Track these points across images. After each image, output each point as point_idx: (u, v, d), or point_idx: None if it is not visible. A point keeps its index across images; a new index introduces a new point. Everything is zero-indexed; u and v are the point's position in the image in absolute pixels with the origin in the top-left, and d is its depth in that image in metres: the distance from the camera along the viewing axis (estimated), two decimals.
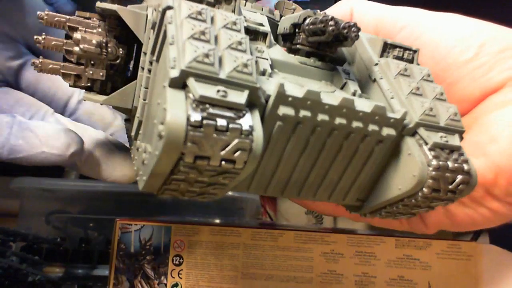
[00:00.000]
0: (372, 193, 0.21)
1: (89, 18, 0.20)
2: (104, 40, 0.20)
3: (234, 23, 0.16)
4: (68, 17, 0.20)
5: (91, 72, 0.20)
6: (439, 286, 0.33)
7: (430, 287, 0.34)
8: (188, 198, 0.17)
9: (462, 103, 0.25)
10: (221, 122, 0.13)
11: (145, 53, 0.19)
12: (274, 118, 0.16)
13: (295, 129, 0.17)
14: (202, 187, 0.15)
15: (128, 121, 0.24)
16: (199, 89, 0.13)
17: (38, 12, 0.20)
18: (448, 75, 0.25)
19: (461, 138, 0.19)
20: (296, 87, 0.17)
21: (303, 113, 0.16)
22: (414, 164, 0.18)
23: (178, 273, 0.36)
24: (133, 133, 0.20)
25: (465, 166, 0.18)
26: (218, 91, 0.14)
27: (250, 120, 0.14)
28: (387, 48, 0.21)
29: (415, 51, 0.21)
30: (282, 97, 0.15)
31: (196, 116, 0.13)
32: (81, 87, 0.21)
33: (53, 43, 0.20)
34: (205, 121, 0.13)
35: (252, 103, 0.15)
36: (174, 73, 0.14)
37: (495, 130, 0.23)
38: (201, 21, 0.15)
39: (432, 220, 0.26)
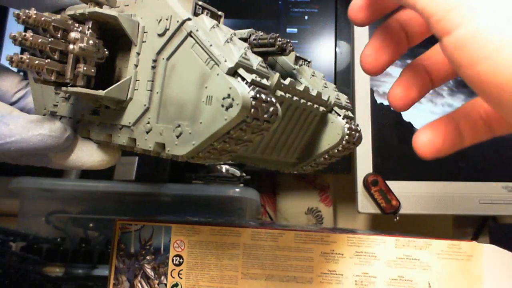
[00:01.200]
0: (307, 152, 0.30)
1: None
2: (97, 41, 0.22)
3: (234, 34, 0.23)
4: (54, 17, 0.21)
5: (85, 68, 0.21)
6: (439, 286, 0.33)
7: (430, 287, 0.34)
8: (210, 163, 0.24)
9: None
10: (264, 96, 0.20)
11: (138, 53, 0.23)
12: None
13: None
14: (235, 145, 0.21)
15: (97, 112, 0.25)
16: (247, 76, 0.20)
17: (23, 11, 0.20)
18: None
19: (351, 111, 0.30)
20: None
21: (281, 93, 0.24)
22: (337, 128, 0.29)
23: (178, 273, 0.36)
24: (130, 120, 0.23)
25: (359, 129, 0.30)
26: (256, 77, 0.20)
27: (273, 97, 0.21)
28: (298, 60, 0.30)
29: (309, 62, 0.30)
30: (278, 83, 0.23)
31: (252, 93, 0.19)
32: (58, 83, 0.22)
33: (40, 40, 0.21)
34: (257, 95, 0.20)
35: None
36: (230, 64, 0.20)
37: None
38: (221, 31, 0.21)
39: None
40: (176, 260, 0.36)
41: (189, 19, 0.21)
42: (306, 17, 0.64)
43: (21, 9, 0.20)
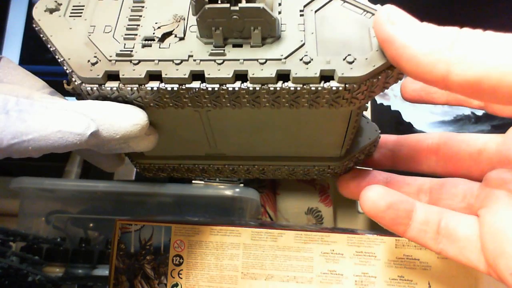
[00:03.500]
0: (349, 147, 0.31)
1: None
2: None
3: None
4: None
5: None
6: (439, 286, 0.33)
7: (430, 287, 0.34)
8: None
9: None
10: None
11: (279, 4, 0.24)
12: None
13: None
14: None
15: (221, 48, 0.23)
16: None
17: None
18: None
19: None
20: None
21: None
22: (373, 127, 0.31)
23: (178, 273, 0.36)
24: (282, 53, 0.22)
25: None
26: None
27: None
28: None
29: None
30: None
31: None
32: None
33: None
34: None
35: None
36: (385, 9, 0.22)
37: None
38: None
39: None
40: (176, 260, 0.36)
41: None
42: None
43: None
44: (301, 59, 0.22)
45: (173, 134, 0.29)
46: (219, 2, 0.20)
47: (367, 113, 0.59)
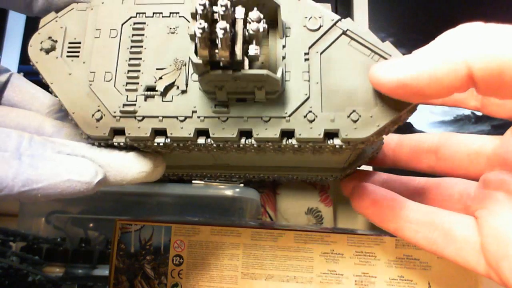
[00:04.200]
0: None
1: None
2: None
3: None
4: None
5: (256, 49, 0.20)
6: (439, 286, 0.33)
7: (430, 287, 0.34)
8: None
9: None
10: None
11: (284, 46, 0.23)
12: None
13: None
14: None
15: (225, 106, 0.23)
16: None
17: None
18: None
19: None
20: None
21: None
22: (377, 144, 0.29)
23: (178, 273, 0.36)
24: (286, 111, 0.22)
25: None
26: None
27: None
28: None
29: None
30: None
31: None
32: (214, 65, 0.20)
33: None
34: None
35: None
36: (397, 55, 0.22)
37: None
38: (369, 32, 0.23)
39: None
40: (176, 260, 0.36)
41: (340, 19, 0.22)
42: None
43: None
44: (305, 116, 0.22)
45: (180, 158, 0.29)
46: (221, 65, 0.19)
47: None
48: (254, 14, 0.19)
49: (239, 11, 0.19)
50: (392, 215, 0.25)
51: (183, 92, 0.22)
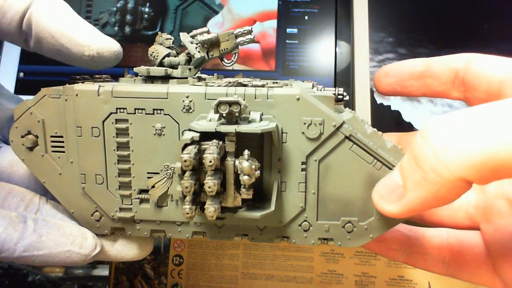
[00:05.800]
0: None
1: None
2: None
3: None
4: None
5: (248, 192, 0.21)
6: (439, 286, 0.33)
7: (430, 287, 0.34)
8: None
9: None
10: None
11: (279, 159, 0.21)
12: None
13: None
14: None
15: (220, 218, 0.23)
16: None
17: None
18: None
19: None
20: None
21: None
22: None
23: (178, 273, 0.36)
24: (281, 220, 0.22)
25: None
26: None
27: None
28: None
29: None
30: None
31: None
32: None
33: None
34: None
35: None
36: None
37: None
38: (377, 133, 0.21)
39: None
40: (176, 260, 0.36)
41: (344, 122, 0.20)
42: (306, 17, 0.64)
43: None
44: (300, 225, 0.22)
45: None
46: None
47: (367, 114, 0.59)
48: (246, 160, 0.19)
49: (230, 165, 0.19)
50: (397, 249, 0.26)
51: (177, 201, 0.22)
